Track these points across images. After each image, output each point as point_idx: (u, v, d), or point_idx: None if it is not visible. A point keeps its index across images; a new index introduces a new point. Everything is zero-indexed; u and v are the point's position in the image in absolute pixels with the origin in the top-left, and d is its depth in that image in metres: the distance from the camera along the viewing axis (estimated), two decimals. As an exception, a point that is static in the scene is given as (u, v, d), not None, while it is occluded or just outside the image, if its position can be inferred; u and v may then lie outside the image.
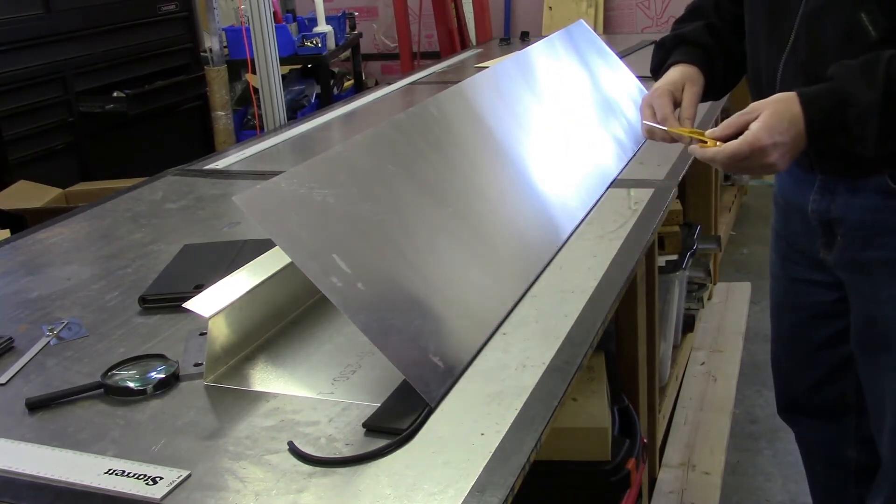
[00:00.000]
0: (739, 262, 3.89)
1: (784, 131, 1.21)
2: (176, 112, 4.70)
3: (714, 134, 1.27)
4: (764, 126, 1.21)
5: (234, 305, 1.24)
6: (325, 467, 1.00)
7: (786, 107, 1.22)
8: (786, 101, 1.23)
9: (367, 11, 5.95)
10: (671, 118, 1.40)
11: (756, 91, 1.46)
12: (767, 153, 1.21)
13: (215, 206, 2.04)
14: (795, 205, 1.49)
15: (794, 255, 1.57)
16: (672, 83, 1.44)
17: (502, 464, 0.99)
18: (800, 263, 1.57)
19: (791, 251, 1.58)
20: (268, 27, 3.04)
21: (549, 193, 1.74)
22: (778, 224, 1.61)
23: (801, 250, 1.55)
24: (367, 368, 1.22)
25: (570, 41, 2.33)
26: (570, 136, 1.98)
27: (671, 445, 2.50)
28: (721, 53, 1.52)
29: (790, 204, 1.53)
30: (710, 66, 1.50)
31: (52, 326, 1.40)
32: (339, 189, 1.25)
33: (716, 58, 1.51)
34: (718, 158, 1.25)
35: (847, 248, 1.42)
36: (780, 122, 1.21)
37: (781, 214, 1.59)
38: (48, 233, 1.91)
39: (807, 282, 1.57)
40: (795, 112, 1.22)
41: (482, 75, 1.89)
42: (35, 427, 1.13)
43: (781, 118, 1.22)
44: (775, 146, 1.21)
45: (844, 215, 1.40)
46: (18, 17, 3.87)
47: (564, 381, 1.16)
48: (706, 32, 1.52)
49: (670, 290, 2.53)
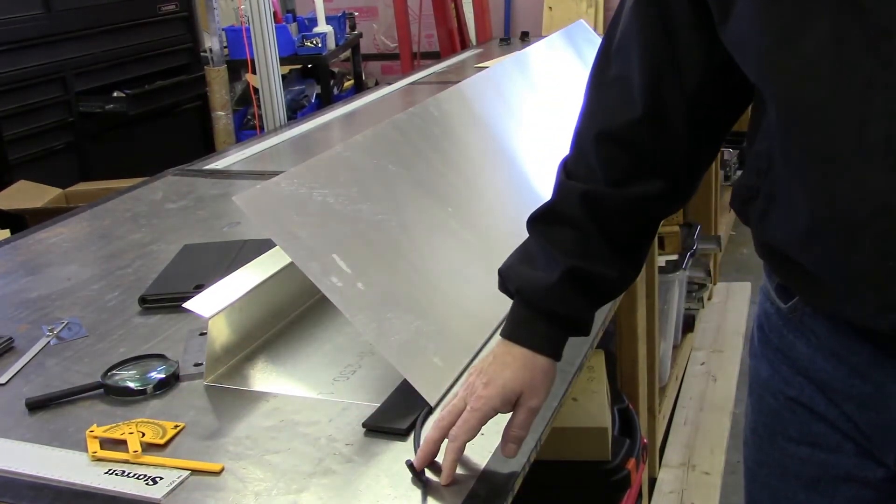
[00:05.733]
0: (739, 262, 3.89)
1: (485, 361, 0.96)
2: (176, 112, 4.69)
3: None
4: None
5: (234, 305, 1.23)
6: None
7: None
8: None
9: (367, 11, 5.95)
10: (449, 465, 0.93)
11: (844, 251, 0.80)
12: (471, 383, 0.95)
13: (215, 206, 2.04)
14: (862, 396, 0.88)
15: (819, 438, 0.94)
16: (504, 395, 0.93)
17: (502, 464, 0.99)
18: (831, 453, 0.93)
19: (808, 433, 0.95)
20: (268, 27, 3.04)
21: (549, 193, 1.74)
22: (801, 394, 0.94)
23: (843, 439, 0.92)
24: (367, 368, 1.22)
25: (570, 41, 2.33)
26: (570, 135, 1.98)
27: (671, 445, 2.50)
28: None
29: (845, 392, 0.89)
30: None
31: (52, 326, 1.40)
32: (339, 189, 1.25)
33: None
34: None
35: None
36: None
37: (818, 395, 0.93)
38: (48, 233, 1.91)
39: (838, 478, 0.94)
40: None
41: (482, 75, 1.89)
42: (35, 427, 1.13)
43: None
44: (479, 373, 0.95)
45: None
46: (18, 17, 3.87)
47: (564, 381, 1.16)
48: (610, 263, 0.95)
49: (670, 290, 2.53)
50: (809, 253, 0.84)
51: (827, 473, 0.93)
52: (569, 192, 0.95)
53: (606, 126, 0.93)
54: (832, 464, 0.93)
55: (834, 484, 0.93)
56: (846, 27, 0.73)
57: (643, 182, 0.93)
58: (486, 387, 0.93)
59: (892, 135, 0.73)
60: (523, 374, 0.94)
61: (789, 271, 0.90)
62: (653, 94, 0.90)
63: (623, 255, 0.96)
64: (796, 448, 0.95)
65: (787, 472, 0.97)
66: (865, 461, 0.90)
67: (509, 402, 0.94)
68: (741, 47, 0.83)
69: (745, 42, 0.81)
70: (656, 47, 0.89)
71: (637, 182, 0.93)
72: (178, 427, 1.09)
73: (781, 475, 0.98)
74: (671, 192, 0.95)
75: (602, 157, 0.93)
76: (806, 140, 0.79)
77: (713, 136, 0.96)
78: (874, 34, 0.72)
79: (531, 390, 0.94)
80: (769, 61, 0.79)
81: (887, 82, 0.72)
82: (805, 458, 0.95)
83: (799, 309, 0.92)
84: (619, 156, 0.93)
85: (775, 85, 0.81)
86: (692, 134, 0.93)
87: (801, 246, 0.84)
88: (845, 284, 0.82)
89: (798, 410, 0.94)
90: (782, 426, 0.96)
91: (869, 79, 0.73)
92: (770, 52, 0.79)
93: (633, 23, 0.91)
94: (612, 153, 0.93)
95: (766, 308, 0.99)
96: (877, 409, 0.87)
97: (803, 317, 0.92)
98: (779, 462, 0.98)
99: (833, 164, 0.77)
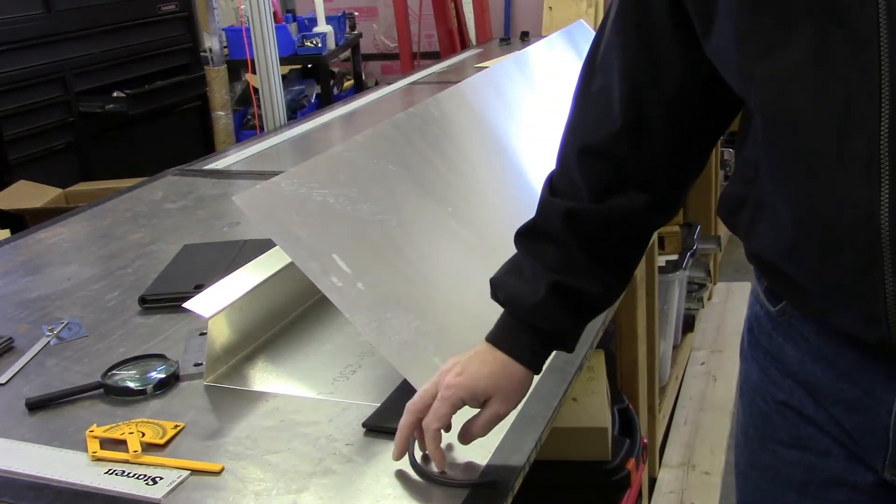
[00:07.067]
0: (739, 262, 3.89)
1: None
2: (176, 112, 4.69)
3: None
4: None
5: (234, 305, 1.23)
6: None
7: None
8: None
9: (367, 11, 5.95)
10: (436, 451, 0.95)
11: (822, 263, 0.81)
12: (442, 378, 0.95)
13: (215, 206, 2.04)
14: (850, 400, 0.87)
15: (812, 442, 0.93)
16: (473, 389, 0.94)
17: (502, 464, 0.99)
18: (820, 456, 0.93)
19: (801, 436, 0.94)
20: (268, 27, 3.04)
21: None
22: (790, 397, 0.94)
23: (832, 444, 0.92)
24: (367, 368, 1.22)
25: (570, 41, 2.33)
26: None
27: (671, 445, 2.50)
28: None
29: (834, 396, 0.89)
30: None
31: (52, 326, 1.40)
32: (339, 189, 1.25)
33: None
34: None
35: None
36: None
37: (807, 397, 0.92)
38: (48, 233, 1.91)
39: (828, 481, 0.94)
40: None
41: (482, 75, 1.89)
42: (35, 427, 1.13)
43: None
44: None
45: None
46: (18, 17, 3.87)
47: (564, 381, 1.16)
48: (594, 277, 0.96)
49: (670, 290, 2.53)
50: (795, 264, 0.84)
51: (817, 477, 0.93)
52: (552, 209, 0.95)
53: (588, 140, 0.93)
54: (822, 467, 0.92)
55: (824, 488, 0.93)
56: (827, 38, 0.72)
57: (626, 195, 0.93)
58: (457, 376, 0.94)
59: (872, 147, 0.72)
60: (498, 378, 0.94)
61: (777, 279, 0.90)
62: (632, 105, 0.90)
63: (608, 270, 0.96)
64: (786, 451, 0.95)
65: (778, 475, 0.97)
66: (855, 465, 0.90)
67: (477, 399, 0.94)
68: (723, 59, 0.83)
69: (726, 54, 0.81)
70: (636, 60, 0.89)
71: (620, 195, 0.93)
72: (178, 427, 1.09)
73: (773, 478, 0.98)
74: (656, 206, 0.95)
75: (585, 170, 0.93)
76: (787, 151, 0.79)
77: (698, 147, 0.96)
78: (855, 44, 0.71)
79: (503, 396, 0.95)
80: (749, 73, 0.79)
81: (869, 93, 0.72)
82: (795, 461, 0.94)
83: (787, 312, 0.91)
84: (601, 169, 0.93)
85: (756, 97, 0.81)
86: (674, 145, 0.93)
87: (786, 256, 0.84)
88: (830, 295, 0.82)
89: (788, 414, 0.94)
90: (772, 429, 0.96)
91: (850, 90, 0.72)
92: (750, 64, 0.78)
93: (615, 37, 0.91)
94: (594, 167, 0.93)
95: (755, 310, 0.98)
96: (864, 413, 0.86)
97: (792, 320, 0.91)
98: (770, 465, 0.98)
99: (814, 175, 0.76)
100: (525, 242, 0.97)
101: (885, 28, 0.70)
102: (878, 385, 0.84)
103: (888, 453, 0.86)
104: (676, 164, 0.95)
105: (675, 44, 0.87)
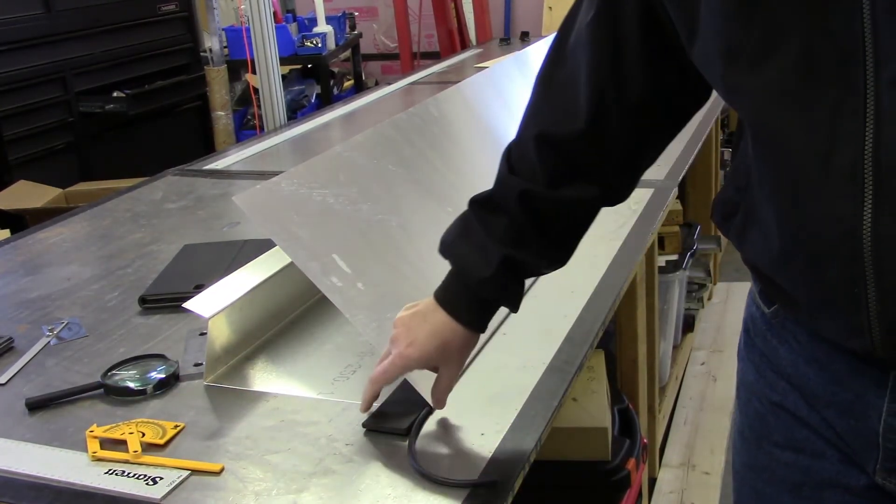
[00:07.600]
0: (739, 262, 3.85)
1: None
2: (176, 112, 4.69)
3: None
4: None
5: (234, 305, 1.24)
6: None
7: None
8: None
9: (367, 11, 5.95)
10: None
11: (797, 272, 0.82)
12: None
13: (215, 206, 2.04)
14: (842, 404, 0.87)
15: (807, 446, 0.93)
16: (421, 359, 1.00)
17: (502, 464, 0.99)
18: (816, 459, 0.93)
19: (796, 438, 0.94)
20: (268, 27, 3.04)
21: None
22: (784, 399, 0.94)
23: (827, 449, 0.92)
24: (367, 368, 1.22)
25: (570, 41, 2.32)
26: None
27: (671, 445, 2.50)
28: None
29: (827, 399, 0.88)
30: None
31: (52, 326, 1.40)
32: (339, 189, 1.25)
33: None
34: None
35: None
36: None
37: (801, 400, 0.92)
38: (48, 233, 1.91)
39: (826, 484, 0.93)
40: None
41: (482, 75, 1.89)
42: (35, 427, 1.13)
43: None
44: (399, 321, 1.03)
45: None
46: (18, 17, 3.87)
47: (564, 381, 1.16)
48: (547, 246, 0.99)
49: (670, 290, 2.53)
50: (782, 273, 0.84)
51: (811, 479, 0.93)
52: (510, 187, 0.97)
53: (549, 129, 0.95)
54: (816, 469, 0.92)
55: (818, 490, 0.92)
56: (814, 50, 0.72)
57: (579, 187, 0.96)
58: (408, 346, 1.00)
59: (857, 162, 0.72)
60: (441, 338, 0.99)
61: (768, 285, 0.91)
62: (596, 110, 0.91)
63: (557, 246, 1.00)
64: (781, 453, 0.95)
65: (774, 476, 0.97)
66: (849, 468, 0.90)
67: (427, 366, 1.02)
68: (708, 68, 0.82)
69: (712, 65, 0.81)
70: (602, 68, 0.90)
71: (573, 186, 0.95)
72: (178, 427, 1.09)
73: (768, 479, 0.98)
74: (608, 195, 0.98)
75: (542, 157, 0.95)
76: (774, 163, 0.79)
77: (654, 145, 0.98)
78: (841, 57, 0.71)
79: (451, 359, 1.01)
80: (735, 86, 0.79)
81: (854, 108, 0.71)
82: (790, 462, 0.94)
83: (781, 314, 0.92)
84: (557, 161, 0.95)
85: (742, 108, 0.81)
86: (633, 146, 0.95)
87: (775, 265, 0.85)
88: (816, 306, 0.82)
89: (782, 415, 0.94)
90: (768, 430, 0.96)
91: (835, 103, 0.72)
92: (736, 77, 0.78)
93: (586, 36, 0.91)
94: (550, 156, 0.95)
95: (751, 311, 0.99)
96: (856, 417, 0.86)
97: (785, 322, 0.91)
98: (765, 466, 0.98)
99: (799, 189, 0.76)
100: (479, 212, 0.99)
101: (870, 43, 0.70)
102: (868, 390, 0.84)
103: (879, 457, 0.86)
104: (632, 161, 0.98)
105: (642, 58, 0.89)
